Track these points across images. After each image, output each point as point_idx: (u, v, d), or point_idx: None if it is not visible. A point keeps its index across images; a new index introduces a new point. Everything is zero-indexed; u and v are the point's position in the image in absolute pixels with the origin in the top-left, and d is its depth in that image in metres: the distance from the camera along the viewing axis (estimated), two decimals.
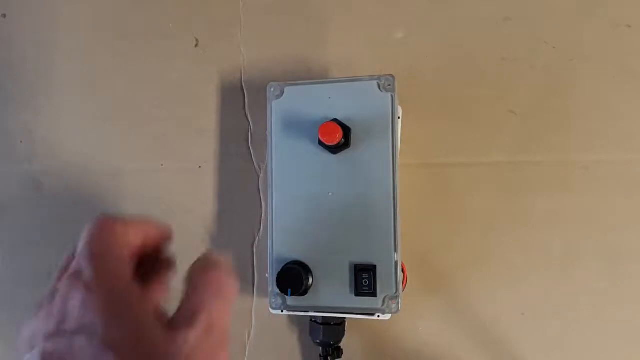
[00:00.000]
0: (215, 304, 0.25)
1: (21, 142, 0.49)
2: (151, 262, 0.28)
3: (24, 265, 0.48)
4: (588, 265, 0.43)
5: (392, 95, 0.38)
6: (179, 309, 0.25)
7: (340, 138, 0.37)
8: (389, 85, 0.39)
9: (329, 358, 0.42)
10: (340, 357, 0.43)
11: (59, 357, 0.22)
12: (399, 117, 0.41)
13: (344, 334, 0.43)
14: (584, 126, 0.44)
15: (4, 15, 0.50)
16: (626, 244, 0.43)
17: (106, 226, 0.26)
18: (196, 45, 0.48)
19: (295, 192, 0.39)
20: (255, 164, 0.47)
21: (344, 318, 0.42)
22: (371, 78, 0.39)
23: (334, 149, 0.38)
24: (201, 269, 0.26)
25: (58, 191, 0.48)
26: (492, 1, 0.46)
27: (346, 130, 0.38)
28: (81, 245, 0.25)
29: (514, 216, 0.44)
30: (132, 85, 0.48)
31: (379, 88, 0.39)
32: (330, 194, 0.39)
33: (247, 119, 0.47)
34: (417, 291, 0.44)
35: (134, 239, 0.26)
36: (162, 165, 0.48)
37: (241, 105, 0.47)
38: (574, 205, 0.44)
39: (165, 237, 0.29)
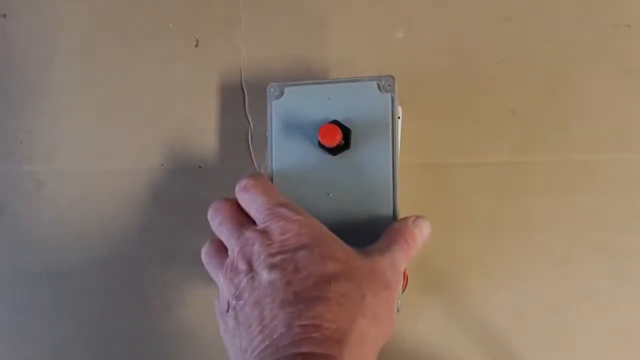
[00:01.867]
0: (398, 251, 0.34)
1: (21, 142, 0.49)
2: None
3: (24, 265, 0.48)
4: (588, 265, 0.44)
5: (392, 96, 0.38)
6: (373, 247, 0.34)
7: (339, 140, 0.37)
8: (389, 85, 0.38)
9: None
10: None
11: (285, 265, 0.29)
12: (398, 117, 0.41)
13: None
14: (584, 126, 0.44)
15: (4, 16, 0.50)
16: (627, 244, 0.43)
17: (267, 183, 0.35)
18: (196, 45, 0.48)
19: (295, 192, 0.38)
20: (255, 164, 0.47)
21: None
22: (371, 79, 0.39)
23: (334, 150, 0.38)
24: (396, 225, 0.36)
25: (58, 191, 0.48)
26: (492, 1, 0.46)
27: (346, 132, 0.38)
28: (261, 199, 0.34)
29: (514, 216, 0.44)
30: (132, 85, 0.48)
31: (379, 89, 0.38)
32: (329, 194, 0.38)
33: (247, 119, 0.47)
34: (417, 291, 0.44)
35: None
36: (162, 165, 0.48)
37: (241, 105, 0.47)
38: (574, 205, 0.44)
39: None
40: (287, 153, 0.39)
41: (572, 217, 0.44)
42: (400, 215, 0.39)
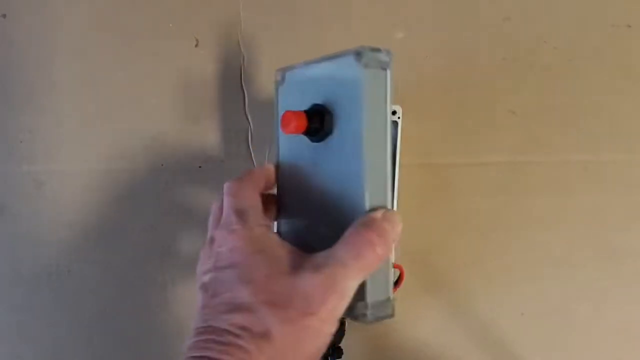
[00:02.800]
0: (348, 264, 0.28)
1: (21, 142, 0.49)
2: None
3: (24, 265, 0.48)
4: (588, 265, 0.44)
5: (365, 71, 0.32)
6: (314, 258, 0.29)
7: (302, 127, 0.33)
8: (364, 58, 0.32)
9: (329, 358, 0.42)
10: (340, 357, 0.43)
11: (210, 286, 0.29)
12: (398, 117, 0.41)
13: (344, 334, 0.43)
14: (584, 126, 0.44)
15: (4, 16, 0.50)
16: (626, 244, 0.43)
17: (241, 186, 0.33)
18: (196, 45, 0.48)
19: (294, 182, 0.36)
20: (255, 164, 0.47)
21: (344, 318, 0.42)
22: (347, 52, 0.32)
23: (314, 137, 0.34)
24: (358, 225, 0.29)
25: (58, 191, 0.48)
26: (492, 1, 0.46)
27: (321, 116, 0.33)
28: (226, 202, 0.32)
29: (514, 216, 0.44)
30: (132, 85, 0.48)
31: (356, 63, 0.32)
32: (315, 184, 0.34)
33: (247, 119, 0.47)
34: (417, 291, 0.44)
35: (259, 186, 0.34)
36: (162, 165, 0.48)
37: (241, 105, 0.47)
38: (574, 205, 0.44)
39: (271, 176, 0.36)
40: (290, 140, 0.36)
41: (572, 217, 0.44)
42: (393, 207, 0.35)
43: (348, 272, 0.28)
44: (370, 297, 0.31)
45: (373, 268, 0.29)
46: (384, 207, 0.31)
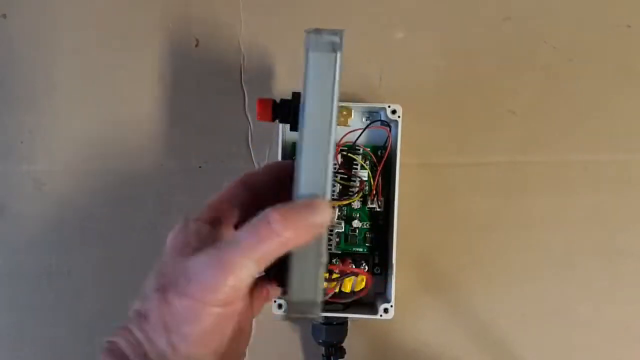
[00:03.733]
0: (240, 241, 0.27)
1: (21, 142, 0.49)
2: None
3: (24, 265, 0.48)
4: (588, 265, 0.44)
5: (308, 54, 0.29)
6: (218, 242, 0.28)
7: (266, 115, 0.32)
8: (307, 41, 0.29)
9: (331, 358, 0.42)
10: (342, 356, 0.43)
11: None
12: (399, 117, 0.41)
13: (346, 334, 0.43)
14: (584, 126, 0.44)
15: (4, 16, 0.50)
16: (626, 244, 0.43)
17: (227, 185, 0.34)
18: (196, 45, 0.48)
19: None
20: (255, 164, 0.47)
21: (347, 318, 0.42)
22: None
23: (293, 127, 0.32)
24: (270, 210, 0.27)
25: (58, 191, 0.48)
26: (492, 1, 0.46)
27: (288, 104, 0.32)
28: None
29: (514, 216, 0.44)
30: (131, 85, 0.48)
31: (304, 47, 0.30)
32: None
33: (247, 119, 0.47)
34: (417, 291, 0.44)
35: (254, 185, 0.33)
36: (162, 165, 0.48)
37: (241, 105, 0.47)
38: (574, 205, 0.44)
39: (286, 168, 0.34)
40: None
41: (572, 217, 0.44)
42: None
43: (238, 249, 0.26)
44: (295, 293, 0.29)
45: (275, 250, 0.27)
46: (318, 196, 0.29)
